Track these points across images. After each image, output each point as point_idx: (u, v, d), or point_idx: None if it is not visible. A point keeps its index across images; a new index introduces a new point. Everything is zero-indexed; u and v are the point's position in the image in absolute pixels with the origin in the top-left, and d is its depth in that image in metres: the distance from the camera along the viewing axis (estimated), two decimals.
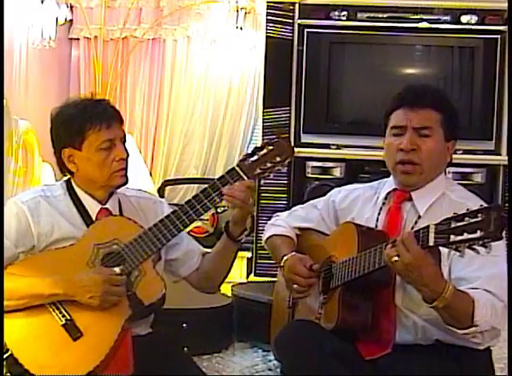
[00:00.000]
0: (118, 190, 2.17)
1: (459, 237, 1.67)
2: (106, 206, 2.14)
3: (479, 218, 1.65)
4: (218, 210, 4.92)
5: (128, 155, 2.13)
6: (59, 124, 2.12)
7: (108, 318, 1.97)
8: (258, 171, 2.05)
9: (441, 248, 1.79)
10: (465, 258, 1.72)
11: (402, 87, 2.16)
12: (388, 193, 2.17)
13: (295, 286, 2.14)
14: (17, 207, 2.08)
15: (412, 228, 2.02)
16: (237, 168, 2.05)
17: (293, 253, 2.20)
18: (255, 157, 2.05)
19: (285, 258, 2.20)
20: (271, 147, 2.06)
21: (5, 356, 1.93)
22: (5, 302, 1.96)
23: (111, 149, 2.09)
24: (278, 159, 2.05)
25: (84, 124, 2.06)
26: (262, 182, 2.13)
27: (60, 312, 1.98)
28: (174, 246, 2.18)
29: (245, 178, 2.04)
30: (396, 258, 1.79)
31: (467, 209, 1.68)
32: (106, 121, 2.07)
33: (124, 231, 2.05)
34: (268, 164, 2.05)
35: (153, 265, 2.04)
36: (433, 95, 2.12)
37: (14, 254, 2.05)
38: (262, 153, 2.06)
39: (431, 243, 1.73)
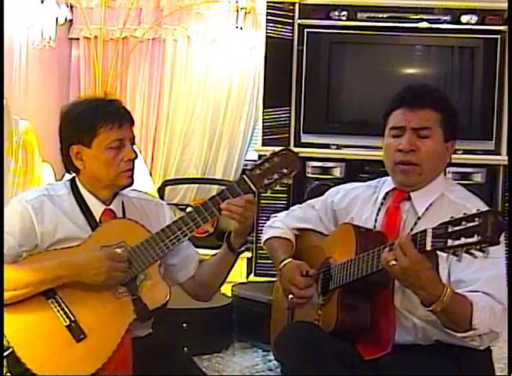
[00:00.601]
0: (122, 192, 2.17)
1: (457, 242, 1.66)
2: (111, 207, 2.14)
3: (476, 223, 1.64)
4: None
5: (136, 157, 2.14)
6: (70, 121, 2.12)
7: (112, 321, 1.97)
8: (266, 182, 2.06)
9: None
10: (464, 260, 1.72)
11: (402, 87, 2.15)
12: (387, 193, 2.16)
13: (290, 296, 2.14)
14: (21, 205, 2.08)
15: (412, 229, 2.02)
16: (246, 178, 2.05)
17: (290, 259, 2.20)
18: (263, 168, 2.05)
19: (282, 263, 2.19)
20: (278, 159, 2.06)
21: (6, 354, 1.93)
22: (12, 293, 1.96)
23: (120, 149, 2.09)
24: (285, 171, 2.06)
25: (97, 122, 2.07)
26: None
27: (65, 313, 1.98)
28: (174, 251, 2.16)
29: (253, 188, 2.04)
30: (394, 262, 1.78)
31: (464, 213, 1.68)
32: (118, 121, 2.08)
33: (130, 234, 2.06)
34: (276, 176, 2.05)
35: (158, 270, 2.05)
36: (432, 95, 2.10)
37: (18, 252, 2.05)
38: (270, 163, 2.05)
39: (428, 247, 1.73)
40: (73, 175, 2.17)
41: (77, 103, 2.15)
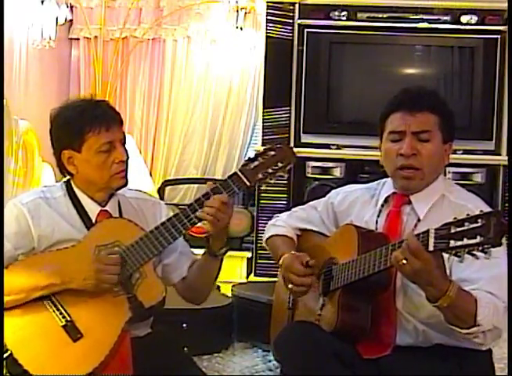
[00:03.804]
0: (118, 192, 2.17)
1: (459, 243, 1.66)
2: (106, 208, 2.13)
3: (479, 224, 1.64)
4: None
5: (128, 157, 2.13)
6: (59, 126, 2.11)
7: (108, 320, 1.97)
8: (260, 176, 2.04)
9: None
10: (466, 259, 1.72)
11: (398, 90, 2.12)
12: (387, 197, 2.16)
13: (290, 285, 2.13)
14: (17, 208, 2.08)
15: (413, 231, 2.01)
16: (239, 173, 2.03)
17: (292, 252, 2.20)
18: (257, 163, 2.04)
19: (283, 256, 2.19)
20: (273, 153, 2.04)
21: (4, 356, 1.93)
22: (5, 298, 1.96)
23: (111, 151, 2.08)
24: (280, 165, 2.04)
25: (84, 127, 2.05)
26: None
27: (60, 313, 1.98)
28: (169, 250, 2.14)
29: (247, 183, 2.02)
30: (404, 262, 1.78)
31: (468, 214, 1.68)
32: (105, 124, 2.06)
33: (125, 233, 2.05)
34: (270, 170, 2.03)
35: (153, 268, 2.04)
36: (430, 98, 2.09)
37: (13, 255, 2.05)
38: (264, 158, 2.04)
39: (431, 248, 1.73)
40: (69, 177, 2.17)
41: (65, 106, 2.13)
